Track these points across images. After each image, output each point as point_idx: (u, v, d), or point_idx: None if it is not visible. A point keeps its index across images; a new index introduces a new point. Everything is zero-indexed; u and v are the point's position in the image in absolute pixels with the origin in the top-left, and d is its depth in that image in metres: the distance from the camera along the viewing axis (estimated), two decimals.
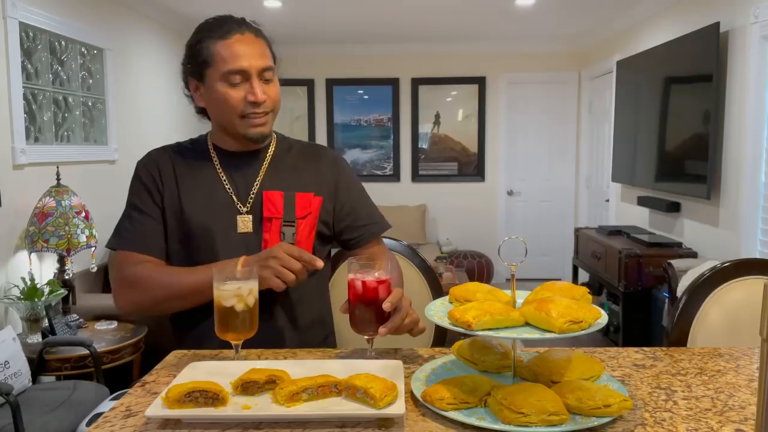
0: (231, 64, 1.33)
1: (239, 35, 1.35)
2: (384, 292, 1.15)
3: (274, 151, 1.48)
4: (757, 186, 3.21)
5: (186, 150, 1.48)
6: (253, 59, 1.34)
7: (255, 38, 1.38)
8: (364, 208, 1.52)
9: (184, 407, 0.96)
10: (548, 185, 6.38)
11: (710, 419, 0.98)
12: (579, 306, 0.98)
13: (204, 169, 1.43)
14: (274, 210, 1.39)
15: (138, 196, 1.42)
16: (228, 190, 1.41)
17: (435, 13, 4.86)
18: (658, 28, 4.40)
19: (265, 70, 1.36)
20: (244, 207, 1.40)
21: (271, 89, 1.38)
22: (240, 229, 1.39)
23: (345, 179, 1.51)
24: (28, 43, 3.09)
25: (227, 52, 1.33)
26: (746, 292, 1.51)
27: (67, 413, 2.28)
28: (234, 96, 1.35)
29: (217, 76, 1.34)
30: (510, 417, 0.93)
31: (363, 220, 1.50)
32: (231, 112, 1.36)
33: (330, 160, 1.52)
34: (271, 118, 1.41)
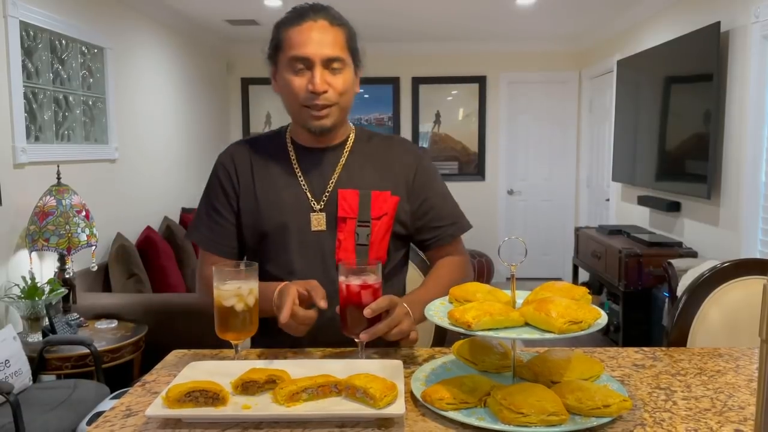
0: (295, 50, 1.30)
1: (312, 22, 1.32)
2: (369, 296, 1.14)
3: (352, 146, 1.44)
4: (757, 186, 3.20)
5: (264, 144, 1.45)
6: (319, 47, 1.30)
7: (329, 26, 1.33)
8: (443, 207, 1.46)
9: (184, 407, 0.96)
10: (548, 185, 6.38)
11: (709, 419, 0.98)
12: (579, 306, 0.98)
13: (280, 164, 1.41)
14: (348, 209, 1.36)
15: (215, 194, 1.43)
16: (303, 186, 1.38)
17: (435, 12, 4.85)
18: (658, 27, 4.39)
19: (333, 60, 1.31)
20: (318, 204, 1.38)
21: (337, 80, 1.32)
22: (314, 227, 1.37)
23: (424, 176, 1.45)
24: (29, 42, 3.09)
25: (296, 38, 1.31)
26: (746, 292, 1.51)
27: (67, 412, 2.29)
28: (296, 83, 1.32)
29: (285, 61, 1.32)
30: (509, 417, 0.93)
31: (441, 221, 1.45)
32: (293, 101, 1.34)
33: (410, 155, 1.46)
34: (336, 111, 1.35)
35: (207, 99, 5.67)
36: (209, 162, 5.85)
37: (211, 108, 5.77)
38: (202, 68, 5.55)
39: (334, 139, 1.42)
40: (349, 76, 1.35)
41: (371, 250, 1.37)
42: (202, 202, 1.44)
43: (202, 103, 5.52)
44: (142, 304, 3.16)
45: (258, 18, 5.02)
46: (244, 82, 6.31)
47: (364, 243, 1.37)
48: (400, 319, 1.20)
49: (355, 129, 1.48)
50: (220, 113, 6.05)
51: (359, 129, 1.48)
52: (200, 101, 5.48)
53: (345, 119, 1.42)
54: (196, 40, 5.37)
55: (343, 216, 1.36)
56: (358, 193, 1.37)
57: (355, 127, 1.48)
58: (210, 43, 5.71)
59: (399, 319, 1.20)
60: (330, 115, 1.34)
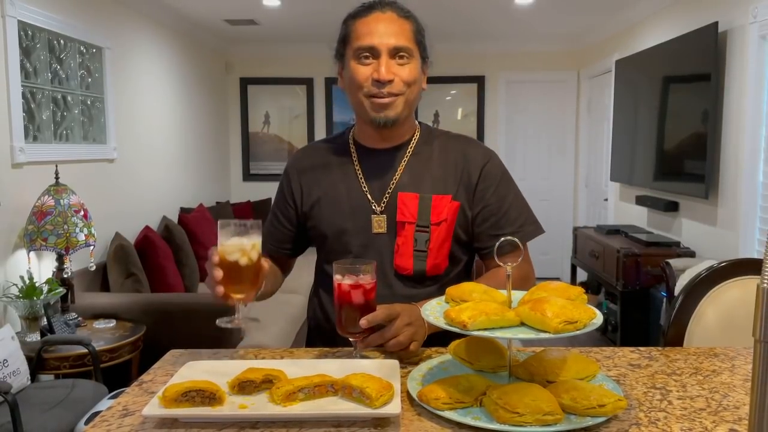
0: (362, 40, 1.30)
1: (379, 13, 1.32)
2: (360, 296, 1.14)
3: (415, 146, 1.41)
4: (755, 185, 3.21)
5: (329, 147, 1.47)
6: (385, 37, 1.29)
7: (396, 17, 1.32)
8: (506, 214, 1.38)
9: (181, 406, 0.96)
10: (547, 184, 6.39)
11: (704, 419, 0.98)
12: (574, 306, 0.99)
13: (343, 166, 1.42)
14: (407, 214, 1.35)
15: (278, 199, 1.50)
16: (364, 188, 1.38)
17: (434, 12, 4.86)
18: (656, 27, 4.40)
19: (400, 50, 1.30)
20: (379, 207, 1.37)
21: (404, 71, 1.31)
22: (375, 230, 1.36)
23: (488, 180, 1.38)
24: (27, 41, 3.09)
25: (362, 29, 1.31)
26: (742, 292, 1.51)
27: (65, 412, 2.29)
28: (361, 72, 1.31)
29: (351, 53, 1.32)
30: (505, 417, 0.93)
31: (501, 229, 1.37)
32: (357, 90, 1.32)
33: (474, 156, 1.40)
34: (402, 102, 1.32)
35: (206, 99, 5.66)
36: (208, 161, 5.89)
37: (209, 108, 5.77)
38: (201, 68, 5.55)
39: (397, 137, 1.40)
40: (416, 67, 1.33)
41: (429, 256, 1.35)
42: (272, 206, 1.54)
43: (200, 103, 5.52)
44: (140, 304, 3.16)
45: (257, 18, 5.01)
46: (243, 81, 6.31)
47: (422, 249, 1.35)
48: (398, 331, 1.18)
49: (421, 128, 1.45)
50: (218, 113, 6.05)
51: (425, 127, 1.46)
52: (199, 101, 5.48)
53: (410, 115, 1.40)
54: (195, 39, 5.37)
55: (402, 221, 1.35)
56: (418, 197, 1.35)
57: (420, 125, 1.45)
58: (209, 43, 5.71)
59: (396, 331, 1.18)
60: (395, 105, 1.32)
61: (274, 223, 1.48)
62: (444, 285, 1.30)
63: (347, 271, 1.15)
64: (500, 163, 1.44)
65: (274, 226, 1.48)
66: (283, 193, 1.48)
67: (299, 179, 1.45)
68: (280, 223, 1.47)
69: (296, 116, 6.34)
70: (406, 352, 1.21)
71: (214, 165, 5.82)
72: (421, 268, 1.36)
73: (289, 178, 1.47)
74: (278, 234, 1.48)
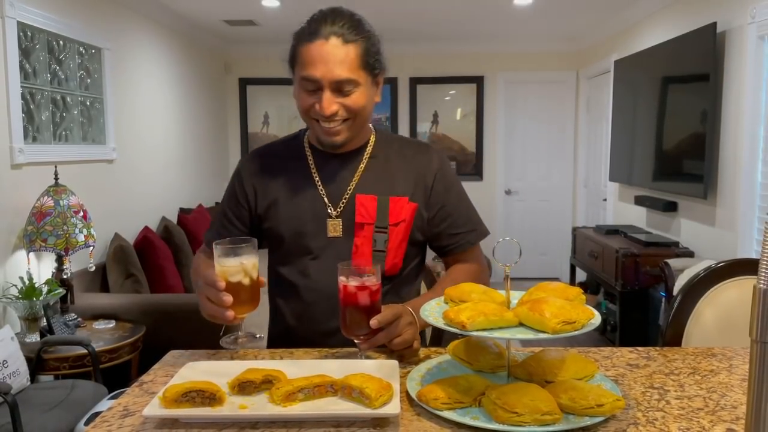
0: (305, 70, 1.28)
1: (322, 41, 1.26)
2: (366, 298, 1.14)
3: (372, 151, 1.43)
4: (753, 185, 3.22)
5: (282, 149, 1.48)
6: (327, 70, 1.26)
7: (341, 45, 1.27)
8: (461, 214, 1.46)
9: (182, 407, 0.97)
10: (546, 184, 6.39)
11: (702, 419, 0.99)
12: (572, 307, 0.99)
13: (299, 169, 1.42)
14: (366, 215, 1.37)
15: (228, 200, 1.49)
16: (321, 192, 1.39)
17: (433, 12, 4.86)
18: (655, 27, 4.41)
19: (343, 82, 1.27)
20: (335, 211, 1.38)
21: (350, 100, 1.30)
22: (330, 233, 1.37)
23: (443, 182, 1.44)
24: (26, 42, 3.09)
25: (306, 57, 1.28)
26: (740, 292, 1.52)
27: (65, 412, 2.29)
28: (306, 101, 1.31)
29: (298, 77, 1.32)
30: (504, 416, 0.94)
31: (458, 228, 1.44)
32: (305, 113, 1.34)
33: (429, 160, 1.44)
34: (349, 125, 1.33)
35: (205, 99, 5.67)
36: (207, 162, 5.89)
37: (208, 108, 5.77)
38: (200, 68, 5.55)
39: (352, 144, 1.41)
40: (361, 94, 1.31)
41: (388, 256, 1.38)
42: (220, 205, 1.52)
43: (199, 104, 5.52)
44: (139, 305, 3.17)
45: (256, 18, 5.02)
46: (242, 82, 6.31)
47: (381, 249, 1.37)
48: (402, 329, 1.19)
49: (376, 133, 1.46)
50: (217, 113, 6.05)
51: (380, 133, 1.47)
52: (198, 101, 5.48)
53: (363, 126, 1.40)
54: (194, 40, 5.37)
55: (360, 222, 1.36)
56: (376, 199, 1.37)
57: (376, 130, 1.47)
58: (208, 44, 5.71)
59: (401, 329, 1.19)
60: (342, 131, 1.33)
61: (225, 224, 1.46)
62: (396, 284, 1.41)
63: (354, 273, 1.15)
64: (451, 166, 1.52)
65: (225, 227, 1.46)
66: (236, 194, 1.46)
67: (252, 181, 1.44)
68: (231, 224, 1.46)
69: (295, 116, 6.34)
70: (409, 350, 1.23)
71: (214, 165, 5.82)
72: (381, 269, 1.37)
73: (242, 179, 1.46)
74: (230, 235, 1.42)
